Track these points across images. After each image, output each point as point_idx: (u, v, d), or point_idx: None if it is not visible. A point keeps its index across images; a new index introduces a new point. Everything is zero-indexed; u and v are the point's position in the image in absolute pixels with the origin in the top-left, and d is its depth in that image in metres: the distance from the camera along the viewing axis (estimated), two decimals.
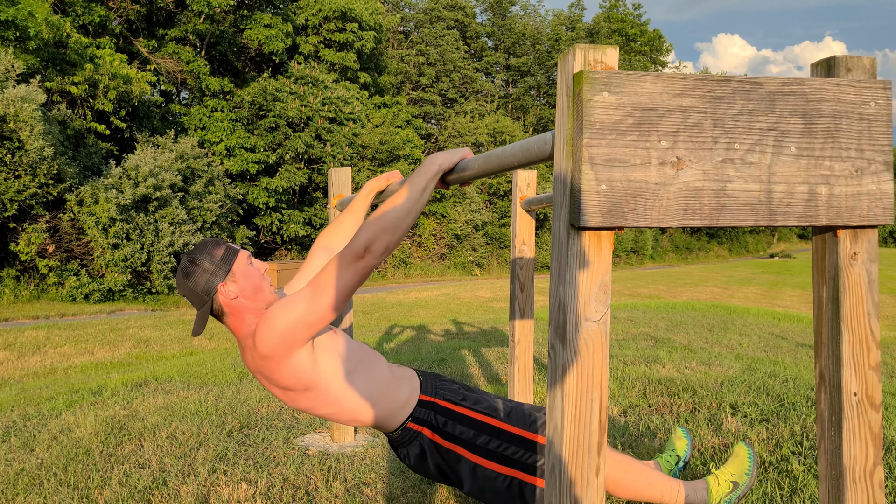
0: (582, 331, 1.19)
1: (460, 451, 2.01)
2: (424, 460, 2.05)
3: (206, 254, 1.94)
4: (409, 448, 2.05)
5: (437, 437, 2.02)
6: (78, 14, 18.76)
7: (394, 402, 2.02)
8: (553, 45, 46.18)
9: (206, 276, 1.92)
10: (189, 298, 1.95)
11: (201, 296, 1.93)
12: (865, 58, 1.28)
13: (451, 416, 2.04)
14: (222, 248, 1.96)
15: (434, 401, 2.06)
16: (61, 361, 7.97)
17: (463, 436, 2.01)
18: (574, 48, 1.18)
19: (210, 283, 1.92)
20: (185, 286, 1.95)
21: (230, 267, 1.94)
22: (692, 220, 1.20)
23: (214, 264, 1.93)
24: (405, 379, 2.08)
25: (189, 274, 1.93)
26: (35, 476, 3.12)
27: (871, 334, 1.27)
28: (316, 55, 27.83)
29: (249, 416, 4.08)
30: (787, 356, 6.18)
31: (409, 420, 2.03)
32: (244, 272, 1.96)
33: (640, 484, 2.14)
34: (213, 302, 1.94)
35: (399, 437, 2.05)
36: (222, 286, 1.92)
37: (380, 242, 1.76)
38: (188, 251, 1.97)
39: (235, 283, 1.94)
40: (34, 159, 14.78)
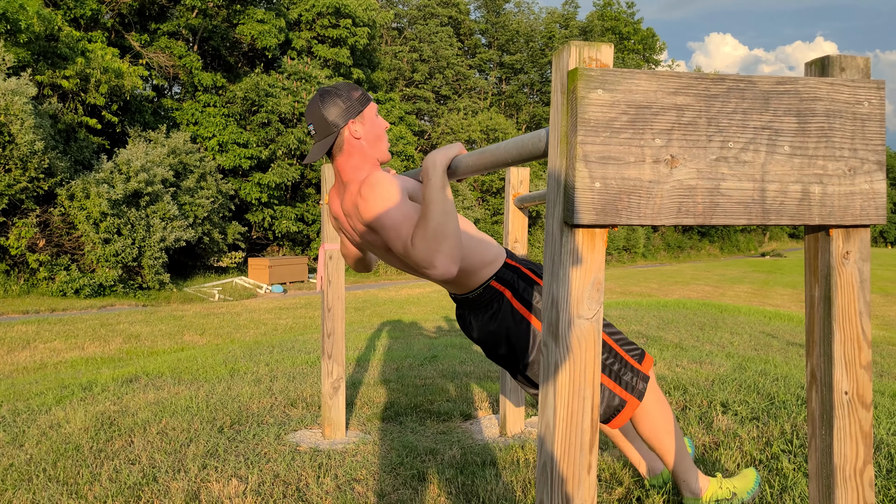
0: (574, 328, 1.18)
1: (533, 321, 2.03)
2: (495, 321, 2.06)
3: (345, 89, 2.02)
4: (486, 308, 2.07)
5: (517, 301, 2.05)
6: (69, 7, 18.65)
7: (483, 257, 2.05)
8: (547, 43, 46.21)
9: (341, 108, 1.99)
10: (316, 126, 2.00)
11: (330, 125, 1.99)
12: (859, 57, 1.28)
13: (532, 285, 2.07)
14: (359, 92, 2.04)
15: (520, 267, 2.11)
16: (51, 356, 7.93)
17: (540, 306, 2.03)
18: (569, 45, 1.18)
19: (343, 116, 1.99)
20: (317, 113, 1.99)
21: (363, 109, 2.02)
22: (686, 218, 1.20)
23: (350, 101, 2.00)
24: (493, 244, 2.13)
25: (326, 103, 1.99)
26: (24, 471, 3.10)
27: (863, 333, 1.27)
28: (309, 51, 27.74)
29: (240, 412, 4.06)
30: (778, 355, 6.20)
31: (493, 279, 2.06)
32: (372, 119, 2.04)
33: (665, 429, 2.18)
34: (338, 135, 2.00)
35: (478, 295, 2.07)
36: (351, 123, 1.99)
37: (440, 257, 1.77)
38: (327, 86, 2.05)
39: (363, 125, 2.01)
40: (25, 153, 14.69)
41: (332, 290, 3.65)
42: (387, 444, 3.45)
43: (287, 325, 11.40)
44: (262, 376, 5.16)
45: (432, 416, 3.94)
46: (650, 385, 2.14)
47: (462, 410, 4.04)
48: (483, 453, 3.23)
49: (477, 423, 3.84)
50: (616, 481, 2.81)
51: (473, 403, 4.22)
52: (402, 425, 3.80)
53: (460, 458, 3.15)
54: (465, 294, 2.09)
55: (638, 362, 2.12)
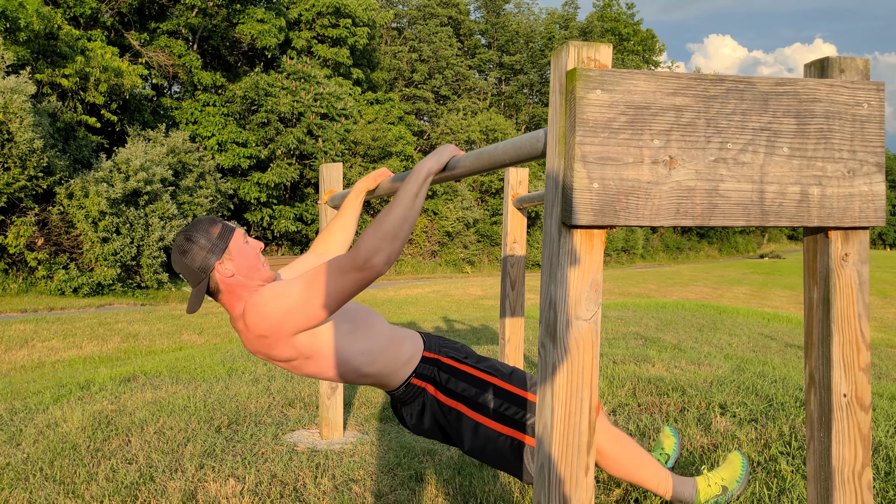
0: (572, 329, 1.18)
1: (462, 409, 2.01)
2: (425, 418, 2.05)
3: (202, 231, 1.93)
4: (412, 405, 2.05)
5: (440, 393, 2.02)
6: (69, 6, 18.64)
7: (397, 359, 2.02)
8: (546, 44, 46.21)
9: (203, 253, 1.91)
10: (185, 276, 1.95)
11: (198, 273, 1.92)
12: (859, 59, 1.28)
13: (454, 374, 2.04)
14: (219, 226, 1.95)
15: (438, 357, 2.07)
16: (49, 355, 7.92)
17: (465, 393, 2.01)
18: (568, 45, 1.17)
19: (207, 260, 1.91)
20: (181, 263, 1.94)
21: (227, 245, 1.94)
22: (684, 219, 1.19)
23: (211, 242, 1.92)
24: (407, 338, 2.09)
25: (186, 251, 1.92)
26: (21, 471, 3.09)
27: (862, 335, 1.27)
28: (309, 50, 27.74)
29: (238, 412, 4.06)
30: (776, 356, 6.20)
31: (413, 376, 2.03)
32: (240, 250, 1.95)
33: (633, 465, 2.14)
34: (209, 280, 1.93)
35: (402, 393, 2.05)
36: (219, 264, 1.92)
37: (381, 254, 1.77)
38: (184, 228, 1.96)
39: (232, 261, 1.93)
40: (24, 151, 14.67)
41: None
42: (384, 445, 3.44)
43: None
44: (259, 376, 5.15)
45: None
46: (603, 433, 2.09)
47: None
48: None
49: None
50: (614, 483, 2.81)
51: None
52: (399, 426, 3.79)
53: (458, 459, 3.15)
54: (390, 392, 2.08)
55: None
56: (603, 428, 2.11)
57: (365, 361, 1.97)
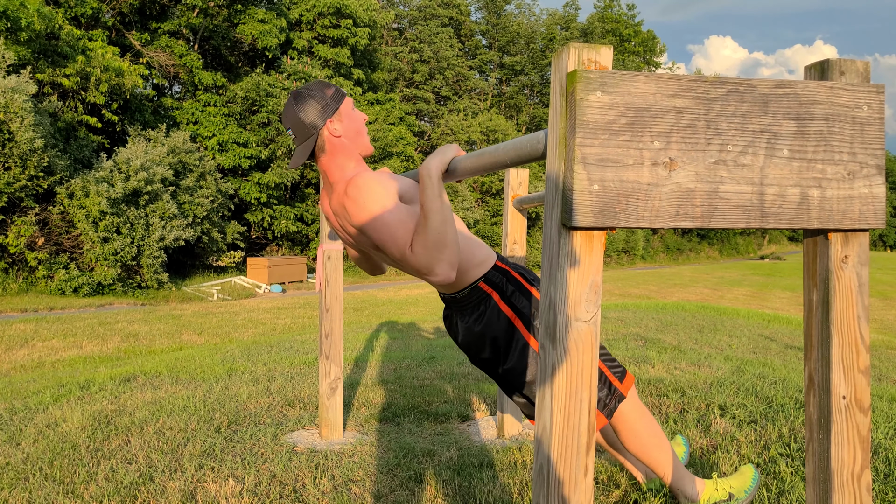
0: (572, 331, 1.18)
1: (519, 326, 2.02)
2: (480, 323, 2.06)
3: (317, 90, 2.00)
4: (471, 309, 2.06)
5: (503, 303, 2.04)
6: (70, 6, 18.65)
7: (472, 257, 2.05)
8: (547, 45, 46.21)
9: (317, 109, 1.97)
10: (295, 130, 1.99)
11: (308, 128, 1.97)
12: (859, 61, 1.28)
13: (519, 289, 2.06)
14: (332, 89, 2.02)
15: (509, 270, 2.10)
16: (49, 355, 7.93)
17: (525, 310, 2.03)
18: (568, 47, 1.17)
19: (320, 116, 1.97)
20: (294, 117, 1.98)
21: (338, 106, 2.00)
22: (684, 221, 1.19)
23: (325, 100, 1.99)
24: (483, 245, 2.13)
25: (301, 105, 1.97)
26: (20, 470, 3.09)
27: (861, 338, 1.27)
28: (310, 51, 27.75)
29: (238, 412, 4.06)
30: (776, 358, 6.20)
31: (482, 280, 2.05)
32: (350, 115, 2.02)
33: (652, 444, 2.16)
34: (318, 136, 1.99)
35: (466, 296, 2.06)
36: (329, 122, 1.98)
37: (440, 265, 1.79)
38: (299, 88, 2.02)
39: (341, 122, 2.00)
40: (24, 151, 14.68)
41: (331, 290, 3.65)
42: (384, 445, 3.44)
43: (285, 325, 11.39)
44: (259, 376, 5.15)
45: (430, 418, 3.94)
46: (631, 403, 2.12)
47: (460, 412, 4.03)
48: (480, 455, 3.23)
49: (474, 424, 3.83)
50: (613, 484, 2.81)
51: (471, 405, 4.22)
52: (399, 426, 3.80)
53: (457, 460, 3.15)
54: (452, 294, 2.09)
55: (619, 380, 2.10)
56: (633, 398, 2.14)
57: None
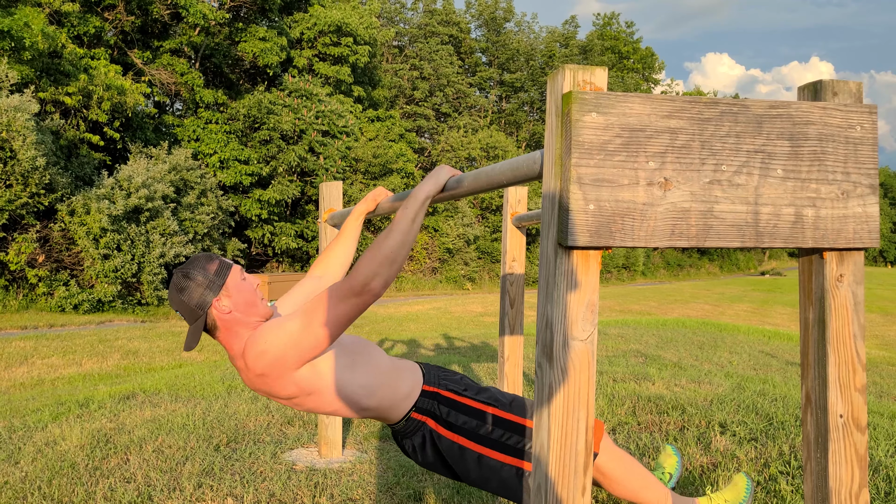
0: (569, 350, 1.19)
1: (464, 442, 2.00)
2: (427, 451, 2.04)
3: (199, 268, 1.93)
4: (413, 438, 2.04)
5: (441, 427, 2.01)
6: (73, 25, 18.78)
7: (397, 393, 2.02)
8: (547, 62, 46.47)
9: (200, 290, 1.90)
10: (182, 313, 1.94)
11: (195, 310, 1.91)
12: (852, 82, 1.29)
13: (454, 406, 2.03)
14: (216, 263, 1.95)
15: (437, 391, 2.06)
16: (49, 372, 7.91)
17: (466, 426, 2.00)
18: (563, 69, 1.19)
19: (204, 297, 1.91)
20: (178, 301, 1.93)
21: (224, 281, 1.93)
22: (679, 240, 1.20)
23: (208, 279, 1.92)
24: (407, 370, 2.08)
25: (183, 289, 1.91)
26: (19, 489, 3.08)
27: (857, 356, 1.27)
28: (310, 68, 27.90)
29: (237, 430, 4.05)
30: (777, 374, 6.19)
31: (413, 410, 2.03)
32: (237, 287, 1.95)
33: (637, 486, 2.13)
34: (206, 316, 1.92)
35: (403, 427, 2.05)
36: (216, 301, 1.91)
37: (378, 279, 1.78)
38: (181, 266, 1.96)
39: (229, 297, 1.92)
40: (26, 169, 14.73)
41: None
42: (383, 464, 3.43)
43: None
44: (258, 394, 5.14)
45: None
46: (606, 454, 2.08)
47: None
48: None
49: None
50: (613, 501, 2.80)
51: None
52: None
53: None
54: (392, 426, 2.09)
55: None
56: (606, 448, 2.10)
57: (365, 395, 1.97)
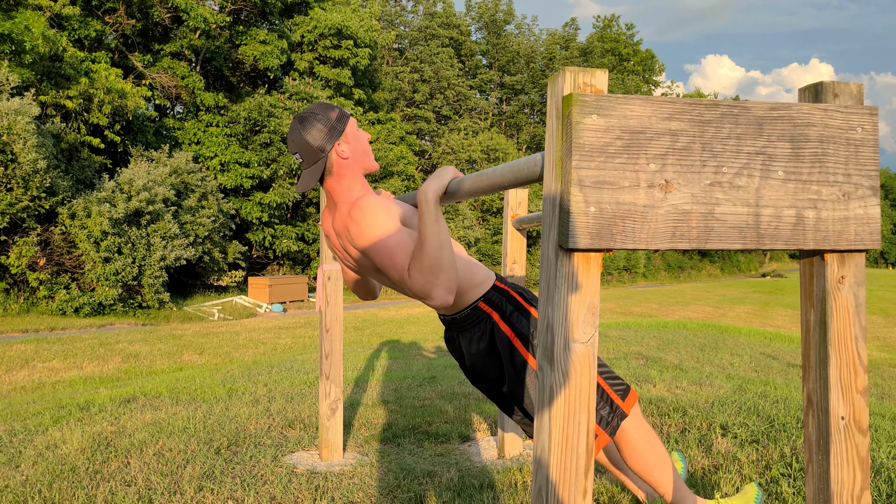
0: (570, 352, 1.18)
1: (517, 345, 2.03)
2: (482, 343, 2.07)
3: (322, 113, 2.01)
4: (472, 331, 2.08)
5: (503, 323, 2.06)
6: (74, 28, 18.81)
7: (472, 278, 2.07)
8: (547, 64, 46.50)
9: (324, 133, 1.99)
10: (303, 154, 2.00)
11: (317, 151, 1.99)
12: (852, 84, 1.29)
13: (518, 308, 2.08)
14: (336, 111, 2.03)
15: (508, 290, 2.12)
16: (49, 376, 7.91)
17: (523, 330, 2.04)
18: (563, 71, 1.19)
19: (327, 139, 1.99)
20: (301, 142, 1.99)
21: (344, 128, 2.02)
22: (680, 242, 1.20)
23: (331, 123, 2.00)
24: (482, 267, 2.15)
25: (307, 129, 1.98)
26: (19, 493, 3.08)
27: (859, 358, 1.27)
28: (311, 71, 27.93)
29: (238, 433, 4.04)
30: (778, 376, 6.18)
31: (481, 300, 2.07)
32: (355, 135, 2.05)
33: (653, 462, 2.15)
34: (326, 159, 2.00)
35: (466, 316, 2.08)
36: (337, 145, 2.00)
37: (437, 290, 1.81)
38: (302, 112, 2.03)
39: (348, 143, 2.02)
40: (27, 172, 14.75)
41: (331, 310, 3.65)
42: (384, 467, 3.43)
43: (286, 345, 11.37)
44: (260, 397, 5.14)
45: (430, 438, 3.92)
46: (634, 421, 2.12)
47: (460, 432, 4.02)
48: (481, 476, 3.21)
49: (475, 444, 3.82)
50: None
51: (472, 425, 4.20)
52: (399, 447, 3.78)
53: (458, 481, 3.13)
54: (452, 315, 2.11)
55: (621, 398, 2.11)
56: (636, 415, 2.14)
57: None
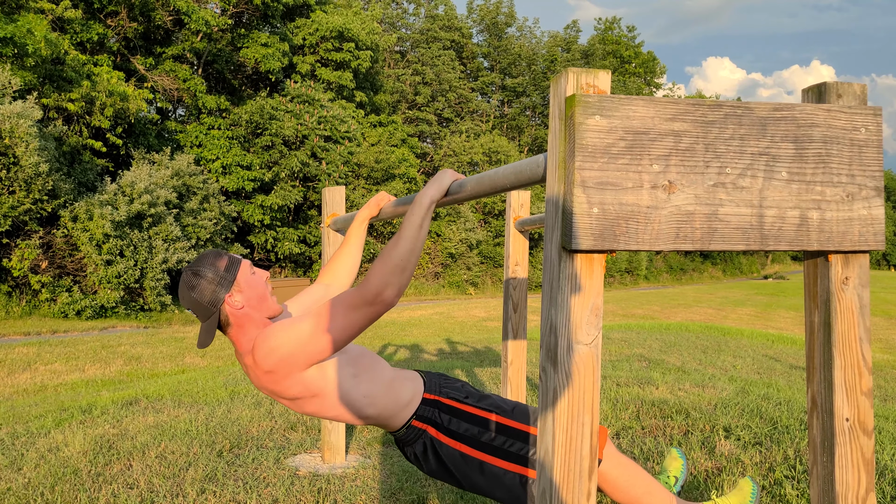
0: (573, 354, 1.18)
1: (465, 450, 1.99)
2: (430, 459, 2.04)
3: (209, 265, 1.93)
4: (414, 446, 2.05)
5: (442, 434, 2.01)
6: (76, 31, 18.83)
7: (398, 401, 2.02)
8: (549, 67, 46.50)
9: (212, 287, 1.91)
10: (194, 311, 1.94)
11: (207, 307, 1.91)
12: (856, 84, 1.29)
13: (455, 414, 2.03)
14: (225, 259, 1.95)
15: (438, 399, 2.06)
16: (52, 378, 7.91)
17: (468, 433, 2.00)
18: (567, 72, 1.19)
19: (216, 294, 1.91)
20: (189, 299, 1.93)
21: (234, 277, 1.93)
22: (684, 243, 1.19)
23: (219, 275, 1.92)
24: (408, 379, 2.08)
25: (194, 286, 1.91)
26: (22, 496, 3.08)
27: (863, 359, 1.26)
28: (312, 74, 27.95)
29: (240, 435, 4.04)
30: (781, 378, 6.17)
31: (414, 418, 2.03)
32: (248, 282, 1.95)
33: (640, 492, 2.11)
34: (219, 313, 1.93)
35: (404, 434, 2.05)
36: (228, 297, 1.92)
37: (391, 288, 1.77)
38: (190, 264, 1.96)
39: (241, 292, 1.93)
40: (29, 175, 14.76)
41: None
42: (387, 469, 3.42)
43: None
44: (262, 399, 5.13)
45: None
46: (609, 460, 2.07)
47: None
48: None
49: None
50: None
51: None
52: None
53: None
54: (393, 433, 2.09)
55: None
56: (610, 455, 2.09)
57: (367, 403, 1.97)
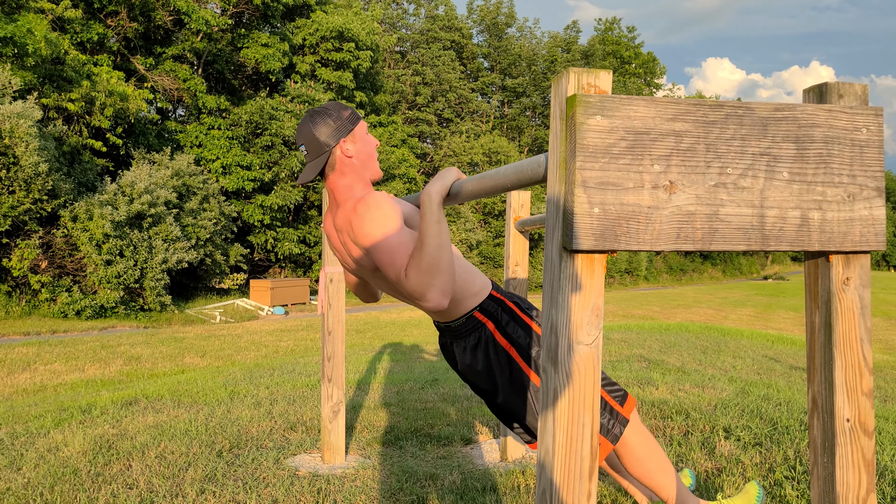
0: (574, 354, 1.18)
1: (516, 358, 2.03)
2: (478, 353, 2.07)
3: (334, 109, 2.04)
4: (467, 339, 2.08)
5: (498, 333, 2.05)
6: (76, 31, 18.83)
7: (468, 288, 2.06)
8: (549, 67, 46.53)
9: (332, 128, 2.01)
10: (307, 146, 2.02)
11: (322, 145, 2.01)
12: (857, 84, 1.29)
13: (514, 318, 2.08)
14: (349, 111, 2.05)
15: (504, 300, 2.12)
16: (51, 378, 7.91)
17: (520, 341, 2.04)
18: (568, 72, 1.18)
19: (334, 135, 2.01)
20: (308, 133, 2.01)
21: (353, 128, 2.04)
22: (685, 243, 1.19)
23: (341, 120, 2.02)
24: (480, 275, 2.15)
25: (316, 123, 2.00)
26: (21, 496, 3.08)
27: (864, 360, 1.26)
28: (313, 74, 27.96)
29: (240, 436, 4.04)
30: (781, 379, 6.16)
31: (477, 309, 2.07)
32: (363, 138, 2.06)
33: (654, 467, 2.15)
34: (330, 155, 2.02)
35: (461, 325, 2.08)
36: (343, 142, 2.02)
37: (432, 291, 1.80)
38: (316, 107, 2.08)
39: (354, 143, 2.03)
40: (29, 175, 14.76)
41: (333, 313, 3.64)
42: (386, 469, 3.42)
43: (288, 348, 11.37)
44: (262, 399, 5.13)
45: (433, 441, 3.91)
46: (633, 426, 2.12)
47: (463, 435, 4.01)
48: (483, 479, 3.20)
49: (478, 447, 3.81)
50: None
51: (474, 428, 4.19)
52: (402, 450, 3.77)
53: (460, 484, 3.13)
54: (447, 322, 2.10)
55: (619, 404, 2.10)
56: (635, 422, 2.14)
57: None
